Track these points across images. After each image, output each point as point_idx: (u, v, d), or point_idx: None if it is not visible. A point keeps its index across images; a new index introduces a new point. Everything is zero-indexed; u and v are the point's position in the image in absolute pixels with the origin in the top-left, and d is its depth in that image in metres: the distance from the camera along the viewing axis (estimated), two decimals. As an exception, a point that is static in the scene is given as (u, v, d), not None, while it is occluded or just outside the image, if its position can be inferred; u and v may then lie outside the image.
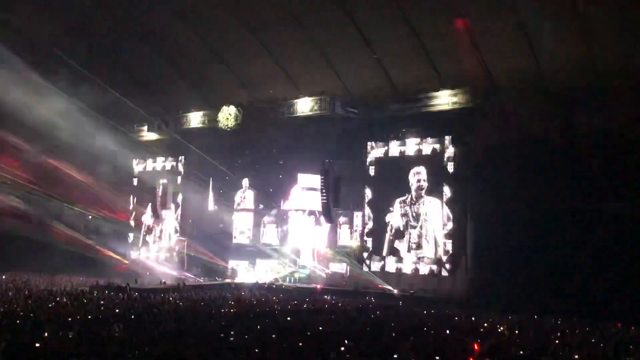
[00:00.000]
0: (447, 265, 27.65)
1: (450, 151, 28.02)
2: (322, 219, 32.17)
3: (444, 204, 27.97)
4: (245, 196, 36.26)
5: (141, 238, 39.32)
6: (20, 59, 28.93)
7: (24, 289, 23.72)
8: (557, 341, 14.33)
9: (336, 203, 31.52)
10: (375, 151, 30.65)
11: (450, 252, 27.59)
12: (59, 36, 31.51)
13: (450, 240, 27.68)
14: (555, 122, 25.82)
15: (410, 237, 29.06)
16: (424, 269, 28.33)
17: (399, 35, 27.10)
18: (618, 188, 23.90)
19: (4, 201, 35.29)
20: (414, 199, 29.07)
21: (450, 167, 27.97)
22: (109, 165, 37.01)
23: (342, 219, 32.71)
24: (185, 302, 21.19)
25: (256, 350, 11.56)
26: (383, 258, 29.83)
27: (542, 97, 25.78)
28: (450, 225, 27.73)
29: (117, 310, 17.77)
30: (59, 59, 30.09)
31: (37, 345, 10.94)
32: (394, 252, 29.54)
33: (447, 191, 27.92)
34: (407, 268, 28.85)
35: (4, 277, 29.58)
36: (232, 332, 13.72)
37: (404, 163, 29.51)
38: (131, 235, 39.46)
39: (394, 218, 29.69)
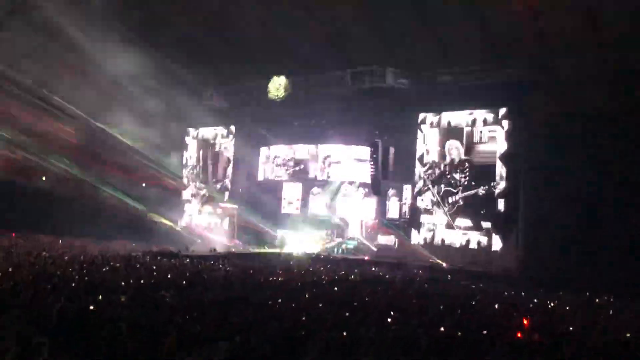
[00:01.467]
0: (498, 238, 27.31)
1: (504, 123, 27.48)
2: (371, 191, 32.06)
3: (496, 177, 27.53)
4: (294, 166, 36.36)
5: (192, 205, 39.92)
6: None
7: (80, 254, 24.34)
8: (608, 319, 14.00)
9: (385, 175, 31.34)
10: (427, 123, 30.26)
11: (501, 224, 27.22)
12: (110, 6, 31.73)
13: (502, 212, 27.30)
14: (616, 95, 24.93)
15: (461, 209, 28.74)
16: (473, 243, 28.04)
17: (451, 4, 26.43)
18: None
19: (59, 167, 36.18)
20: (461, 171, 28.71)
21: (503, 140, 27.46)
22: (161, 132, 37.51)
23: (391, 192, 32.59)
24: (234, 270, 21.45)
25: (303, 319, 11.64)
26: (431, 231, 29.62)
27: (602, 68, 24.87)
28: (501, 203, 27.32)
29: (168, 276, 18.10)
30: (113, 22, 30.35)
31: (91, 308, 11.24)
32: (442, 224, 29.28)
33: (500, 163, 27.46)
34: (457, 241, 28.60)
35: (60, 241, 30.42)
36: (279, 301, 13.85)
37: (455, 135, 29.09)
38: (182, 202, 40.07)
39: (442, 190, 29.40)
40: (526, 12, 24.27)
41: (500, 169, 27.52)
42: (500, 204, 27.35)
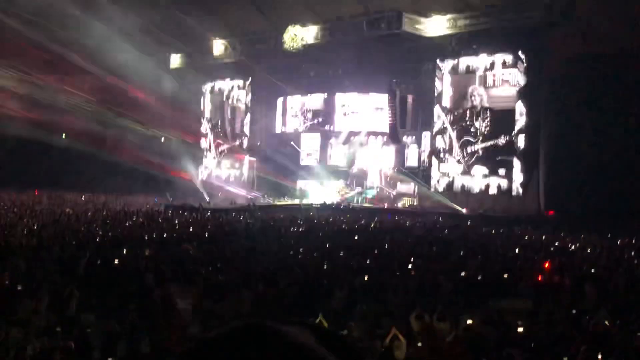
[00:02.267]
0: (518, 182, 27.22)
1: (523, 67, 27.07)
2: (390, 139, 31.93)
3: (515, 120, 27.29)
4: (312, 118, 36.21)
5: (210, 158, 40.04)
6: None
7: (103, 209, 24.69)
8: (631, 260, 14.01)
9: (404, 123, 31.14)
10: (445, 68, 29.86)
11: (522, 168, 27.09)
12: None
13: (522, 156, 27.16)
14: (635, 34, 24.35)
15: (480, 157, 28.61)
16: (493, 188, 27.98)
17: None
18: None
19: (77, 123, 36.38)
20: (479, 116, 28.53)
21: (522, 84, 27.11)
22: (178, 86, 37.48)
23: (409, 139, 32.41)
24: (255, 222, 21.66)
25: (324, 267, 11.79)
26: (451, 177, 29.54)
27: (621, 8, 24.24)
28: (522, 139, 27.15)
29: (190, 229, 18.34)
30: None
31: (116, 261, 11.46)
32: (460, 172, 29.21)
33: (519, 106, 27.17)
34: (476, 186, 28.54)
35: (82, 197, 30.84)
36: (300, 250, 14.00)
37: (474, 80, 28.75)
38: (201, 155, 40.18)
39: (463, 139, 29.22)
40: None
41: (520, 108, 27.18)
42: (521, 142, 27.12)
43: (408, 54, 30.56)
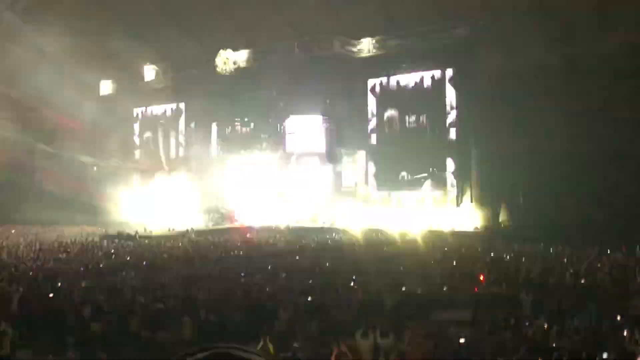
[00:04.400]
0: (453, 196, 27.84)
1: (452, 83, 27.85)
2: (326, 159, 32.12)
3: (447, 135, 27.97)
4: (247, 139, 36.08)
5: (145, 183, 39.17)
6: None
7: (35, 241, 23.89)
8: (564, 267, 14.47)
9: (339, 143, 31.41)
10: (376, 87, 30.38)
11: (455, 182, 27.73)
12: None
13: (455, 171, 27.82)
14: (557, 47, 25.48)
15: (413, 170, 29.13)
16: (428, 202, 28.50)
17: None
18: (620, 112, 23.74)
19: (2, 153, 34.99)
20: (413, 131, 29.13)
21: (452, 99, 27.85)
22: (109, 112, 36.63)
23: (345, 159, 32.67)
24: (194, 247, 21.39)
25: (267, 290, 11.74)
26: (388, 194, 29.93)
27: (543, 23, 25.38)
28: (453, 155, 27.84)
29: (128, 258, 17.95)
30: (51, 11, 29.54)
31: (51, 295, 11.11)
32: (398, 186, 29.64)
33: (450, 121, 27.88)
34: (413, 203, 29.00)
35: (12, 231, 29.76)
36: (242, 274, 13.90)
37: (405, 98, 29.34)
38: (136, 180, 39.30)
39: (395, 153, 29.73)
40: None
41: (451, 120, 27.91)
42: (454, 156, 27.87)
43: (340, 74, 30.94)
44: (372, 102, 30.46)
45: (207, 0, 32.18)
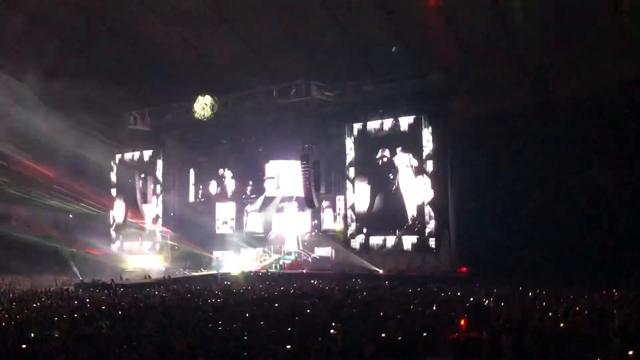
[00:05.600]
0: (431, 240, 27.93)
1: (428, 128, 28.22)
2: (305, 204, 32.15)
3: (424, 180, 28.18)
4: (227, 185, 36.16)
5: (122, 231, 38.76)
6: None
7: (9, 291, 23.46)
8: (543, 311, 14.47)
9: (318, 187, 31.49)
10: (354, 133, 30.66)
11: (433, 226, 27.84)
12: (27, 32, 30.79)
13: (432, 214, 27.94)
14: (529, 92, 26.10)
15: (391, 214, 29.20)
16: (407, 246, 28.53)
17: (371, 17, 27.25)
18: (593, 155, 24.25)
19: None
20: (391, 176, 29.29)
21: (429, 144, 28.16)
22: (85, 159, 36.35)
23: (325, 203, 32.76)
24: (171, 296, 21.09)
25: (245, 338, 11.57)
26: (367, 239, 29.95)
27: (515, 68, 26.03)
28: (431, 199, 27.99)
29: (103, 307, 17.63)
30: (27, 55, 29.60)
31: (24, 346, 10.85)
32: (376, 231, 29.67)
33: (427, 166, 28.15)
34: (392, 246, 29.03)
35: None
36: (220, 322, 13.70)
37: (383, 142, 29.62)
38: (112, 229, 38.91)
39: (374, 197, 29.85)
40: (440, 19, 25.20)
41: (428, 167, 28.20)
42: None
43: (318, 119, 31.32)
44: (349, 148, 30.69)
45: (182, 45, 32.59)
